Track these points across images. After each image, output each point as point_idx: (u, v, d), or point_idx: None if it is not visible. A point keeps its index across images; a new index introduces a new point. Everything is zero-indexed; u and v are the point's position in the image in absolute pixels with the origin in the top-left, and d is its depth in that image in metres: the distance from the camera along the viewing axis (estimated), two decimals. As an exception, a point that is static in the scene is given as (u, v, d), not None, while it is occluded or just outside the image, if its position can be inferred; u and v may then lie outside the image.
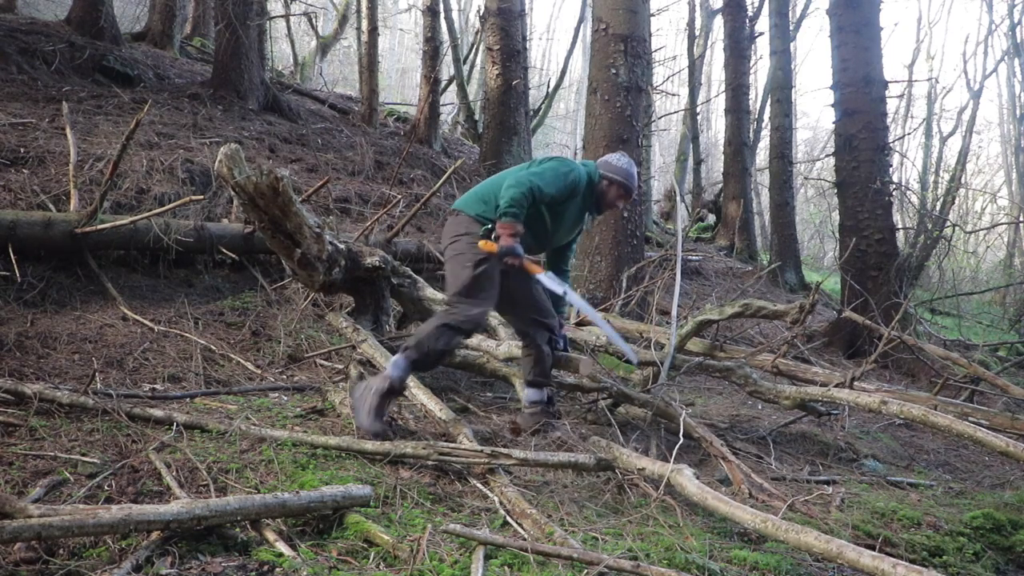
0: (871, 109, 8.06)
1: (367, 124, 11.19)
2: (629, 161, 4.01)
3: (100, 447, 2.94)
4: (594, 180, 3.94)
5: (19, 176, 5.61)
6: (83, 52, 8.87)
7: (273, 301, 5.53)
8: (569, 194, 3.80)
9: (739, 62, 13.82)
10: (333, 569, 2.27)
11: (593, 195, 3.95)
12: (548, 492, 3.17)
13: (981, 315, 12.26)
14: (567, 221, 3.91)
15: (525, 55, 12.16)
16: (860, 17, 8.15)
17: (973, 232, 14.72)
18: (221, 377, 4.24)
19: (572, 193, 3.81)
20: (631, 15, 6.89)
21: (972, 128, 15.91)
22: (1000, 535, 3.36)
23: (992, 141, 28.77)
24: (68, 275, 5.04)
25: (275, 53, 17.16)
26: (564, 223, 3.91)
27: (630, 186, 3.94)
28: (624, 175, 3.94)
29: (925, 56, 23.64)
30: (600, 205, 4.00)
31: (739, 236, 13.66)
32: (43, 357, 3.98)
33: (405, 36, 31.16)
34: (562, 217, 3.87)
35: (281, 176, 3.82)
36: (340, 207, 7.47)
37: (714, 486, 3.55)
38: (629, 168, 3.97)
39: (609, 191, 3.94)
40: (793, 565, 2.71)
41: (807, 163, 20.79)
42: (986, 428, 3.61)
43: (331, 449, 3.15)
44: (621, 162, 3.97)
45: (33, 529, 2.03)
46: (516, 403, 4.39)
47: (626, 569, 2.32)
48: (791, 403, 4.40)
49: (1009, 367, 7.05)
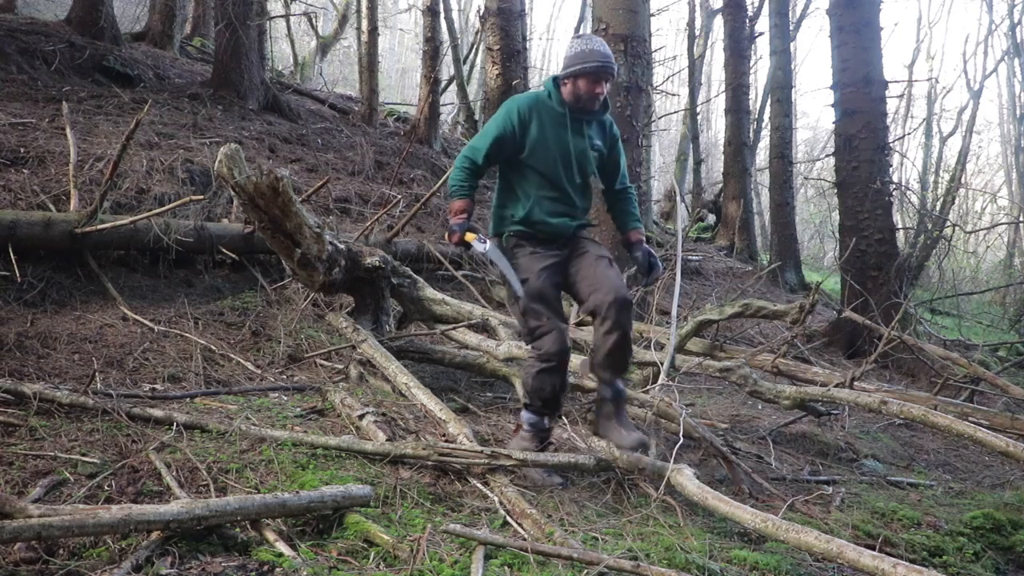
0: (871, 109, 8.07)
1: (367, 124, 11.19)
2: (583, 39, 3.28)
3: (100, 447, 2.94)
4: (552, 92, 3.29)
5: (19, 176, 5.60)
6: (83, 52, 8.87)
7: (273, 301, 5.53)
8: (514, 128, 3.21)
9: (739, 62, 13.82)
10: (333, 569, 2.27)
11: (564, 106, 3.26)
12: (548, 492, 3.17)
13: (981, 315, 12.26)
14: (551, 155, 3.26)
15: (525, 55, 12.17)
16: (860, 17, 8.16)
17: (973, 232, 14.74)
18: (221, 377, 4.24)
19: (518, 124, 3.21)
20: (631, 15, 6.89)
21: (972, 128, 15.92)
22: (1000, 535, 3.36)
23: (992, 141, 28.80)
24: (68, 275, 5.04)
25: (275, 53, 17.15)
26: (550, 160, 3.26)
27: (587, 66, 3.16)
28: (573, 60, 3.19)
29: (925, 56, 23.69)
30: (582, 109, 3.27)
31: (739, 236, 13.67)
32: (43, 357, 3.98)
33: (405, 36, 31.16)
34: (542, 155, 3.25)
35: (281, 176, 3.83)
36: (340, 207, 7.47)
37: (714, 486, 3.56)
38: (581, 47, 3.21)
39: (576, 87, 3.22)
40: (793, 565, 2.71)
41: (807, 163, 20.79)
42: (986, 428, 3.61)
43: (331, 449, 3.15)
44: (572, 49, 3.24)
45: (33, 529, 2.03)
46: (516, 403, 4.39)
47: (626, 569, 2.32)
48: (791, 403, 4.40)
49: (1009, 367, 7.05)
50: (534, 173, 3.28)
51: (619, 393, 3.20)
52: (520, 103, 3.27)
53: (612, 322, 3.06)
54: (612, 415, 3.15)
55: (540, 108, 3.26)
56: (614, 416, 3.14)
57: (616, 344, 3.08)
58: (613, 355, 3.10)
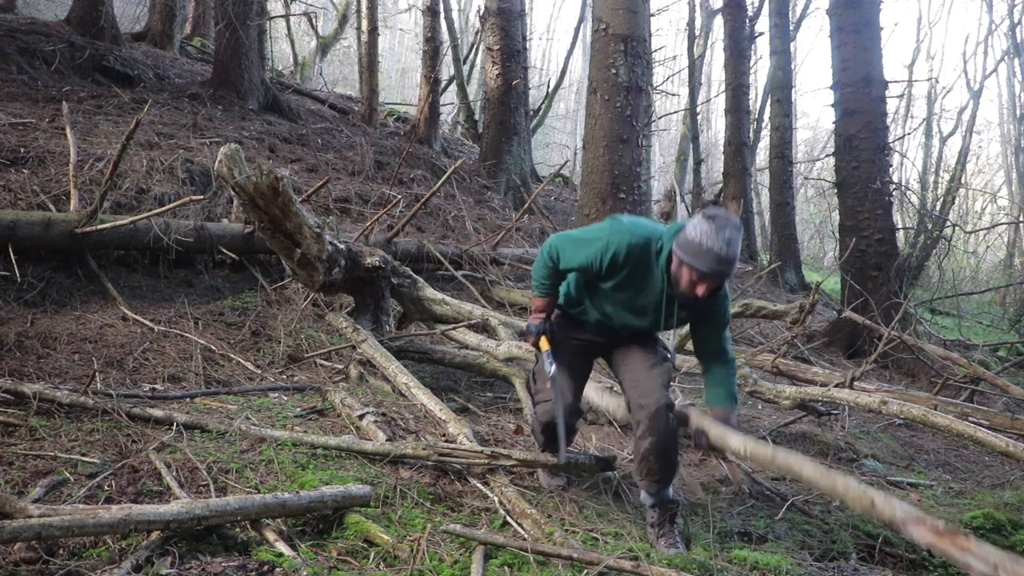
0: (871, 109, 8.07)
1: (367, 124, 11.19)
2: (715, 223, 2.60)
3: (100, 447, 2.94)
4: (663, 253, 2.76)
5: (19, 176, 5.60)
6: (83, 52, 8.87)
7: (273, 301, 5.53)
8: (600, 269, 2.79)
9: (739, 62, 13.81)
10: (333, 569, 2.27)
11: (665, 281, 2.79)
12: (548, 492, 3.17)
13: (981, 315, 12.26)
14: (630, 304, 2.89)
15: (525, 55, 12.17)
16: (860, 17, 8.16)
17: (973, 232, 14.73)
18: (221, 377, 4.24)
19: (607, 267, 2.78)
20: (631, 15, 6.89)
21: (972, 128, 15.90)
22: (1000, 535, 3.36)
23: (992, 141, 28.76)
24: (68, 275, 5.04)
25: (275, 53, 17.16)
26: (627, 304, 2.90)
27: (697, 262, 2.60)
28: (688, 247, 2.62)
29: (925, 56, 23.66)
30: (675, 289, 2.76)
31: (739, 236, 13.64)
32: (43, 357, 3.98)
33: (405, 36, 31.16)
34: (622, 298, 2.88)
35: (281, 176, 3.83)
36: (340, 207, 7.47)
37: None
38: (703, 239, 2.59)
39: (679, 272, 2.70)
40: (793, 565, 2.71)
41: (807, 163, 20.79)
42: (986, 428, 3.62)
43: (331, 449, 3.15)
44: (697, 230, 2.61)
45: (33, 529, 2.03)
46: (516, 403, 4.39)
47: (626, 569, 2.32)
48: (791, 403, 4.40)
49: (1009, 367, 7.05)
50: (608, 302, 2.95)
51: (661, 503, 2.89)
52: (621, 249, 2.76)
53: (645, 427, 2.83)
54: (654, 524, 2.88)
55: (641, 262, 2.79)
56: (656, 525, 2.87)
57: (648, 450, 2.83)
58: (646, 460, 2.84)
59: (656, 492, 2.89)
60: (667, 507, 2.88)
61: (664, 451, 2.83)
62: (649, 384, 2.89)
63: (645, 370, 2.94)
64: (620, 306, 2.92)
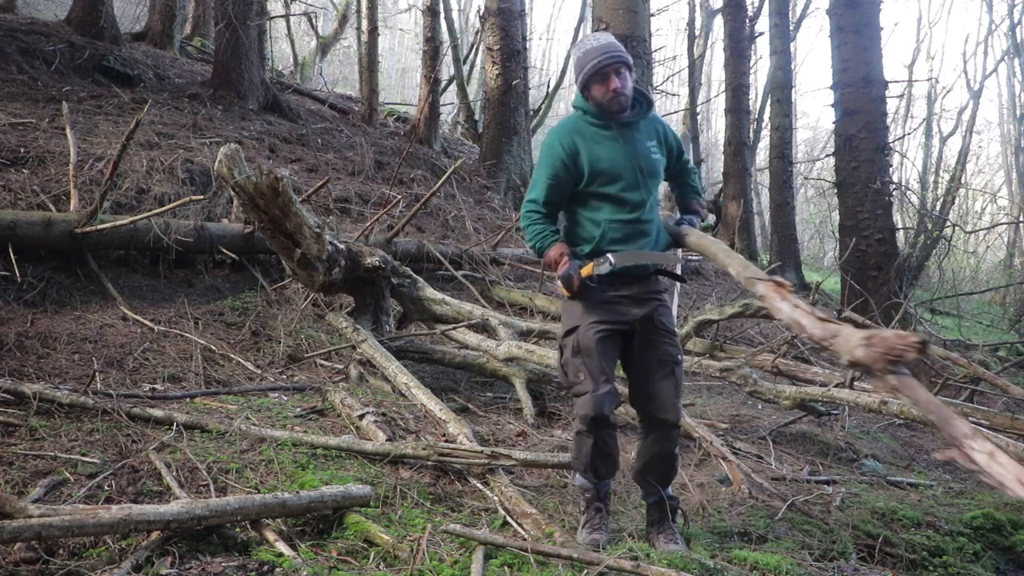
0: (871, 109, 8.08)
1: (367, 124, 11.19)
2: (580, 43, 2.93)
3: (100, 447, 2.94)
4: (584, 107, 2.92)
5: (19, 176, 5.60)
6: (83, 52, 8.87)
7: (273, 301, 5.53)
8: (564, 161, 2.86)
9: (739, 62, 13.81)
10: (333, 569, 2.27)
11: (600, 117, 2.87)
12: (548, 492, 3.17)
13: (981, 315, 12.26)
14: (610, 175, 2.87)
15: (525, 55, 12.17)
16: (860, 17, 8.17)
17: (973, 232, 14.74)
18: (221, 377, 4.24)
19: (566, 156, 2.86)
20: (631, 15, 6.89)
21: (972, 128, 15.91)
22: (1000, 535, 3.36)
23: (992, 141, 28.76)
24: (68, 275, 5.04)
25: (275, 53, 17.15)
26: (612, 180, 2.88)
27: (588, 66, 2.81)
28: (577, 70, 2.88)
29: (925, 56, 23.68)
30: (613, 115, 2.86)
31: (739, 236, 13.65)
32: (43, 357, 3.98)
33: (405, 36, 31.16)
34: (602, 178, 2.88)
35: (281, 176, 3.83)
36: (340, 207, 7.47)
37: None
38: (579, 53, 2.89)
39: (593, 96, 2.85)
40: (793, 565, 2.71)
41: (807, 163, 20.80)
42: (986, 428, 3.62)
43: (331, 449, 3.15)
44: (575, 55, 2.92)
45: (33, 529, 2.03)
46: (516, 403, 4.39)
47: (626, 569, 2.32)
48: (791, 403, 4.40)
49: (1009, 367, 7.05)
50: (598, 199, 2.90)
51: (660, 500, 2.93)
52: (559, 134, 2.90)
53: (656, 437, 2.90)
54: (654, 521, 2.93)
55: (579, 130, 2.89)
56: (656, 523, 2.92)
57: (656, 457, 2.90)
58: (652, 465, 2.91)
59: (656, 491, 2.95)
60: (666, 504, 2.94)
61: (670, 459, 2.95)
62: (666, 398, 2.90)
63: (662, 378, 2.91)
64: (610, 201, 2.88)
